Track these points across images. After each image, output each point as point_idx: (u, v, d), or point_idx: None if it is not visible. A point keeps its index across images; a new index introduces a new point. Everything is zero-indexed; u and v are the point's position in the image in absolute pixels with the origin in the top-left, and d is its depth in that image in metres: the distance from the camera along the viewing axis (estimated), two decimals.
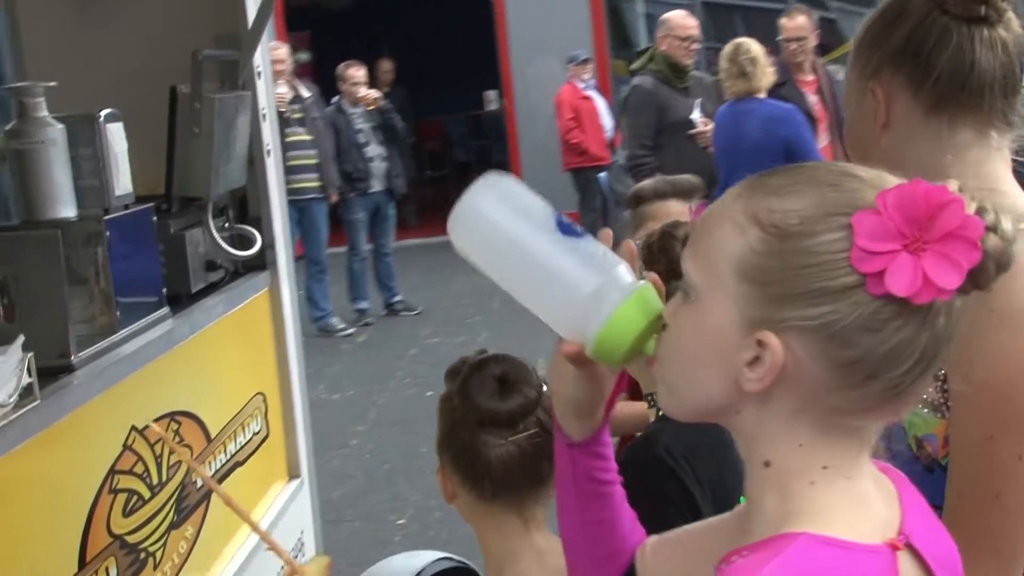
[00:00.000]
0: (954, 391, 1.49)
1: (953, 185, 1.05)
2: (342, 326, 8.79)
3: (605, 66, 12.73)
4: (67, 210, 1.94)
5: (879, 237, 1.03)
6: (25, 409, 1.56)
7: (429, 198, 13.66)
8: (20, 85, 1.95)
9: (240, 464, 2.37)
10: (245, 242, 2.54)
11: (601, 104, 10.55)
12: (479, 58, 13.75)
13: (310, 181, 8.73)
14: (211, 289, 2.42)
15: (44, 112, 1.95)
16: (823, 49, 7.06)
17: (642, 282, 1.21)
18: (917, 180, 1.05)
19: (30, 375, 1.58)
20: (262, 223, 2.67)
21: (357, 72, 9.31)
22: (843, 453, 1.12)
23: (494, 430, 1.76)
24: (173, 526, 2.02)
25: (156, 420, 1.98)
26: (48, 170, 1.93)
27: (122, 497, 1.83)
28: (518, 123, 13.30)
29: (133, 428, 1.89)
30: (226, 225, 2.53)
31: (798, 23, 6.25)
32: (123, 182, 2.08)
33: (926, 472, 1.57)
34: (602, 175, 10.23)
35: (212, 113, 2.32)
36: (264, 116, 2.69)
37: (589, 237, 1.22)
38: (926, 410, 1.56)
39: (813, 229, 1.06)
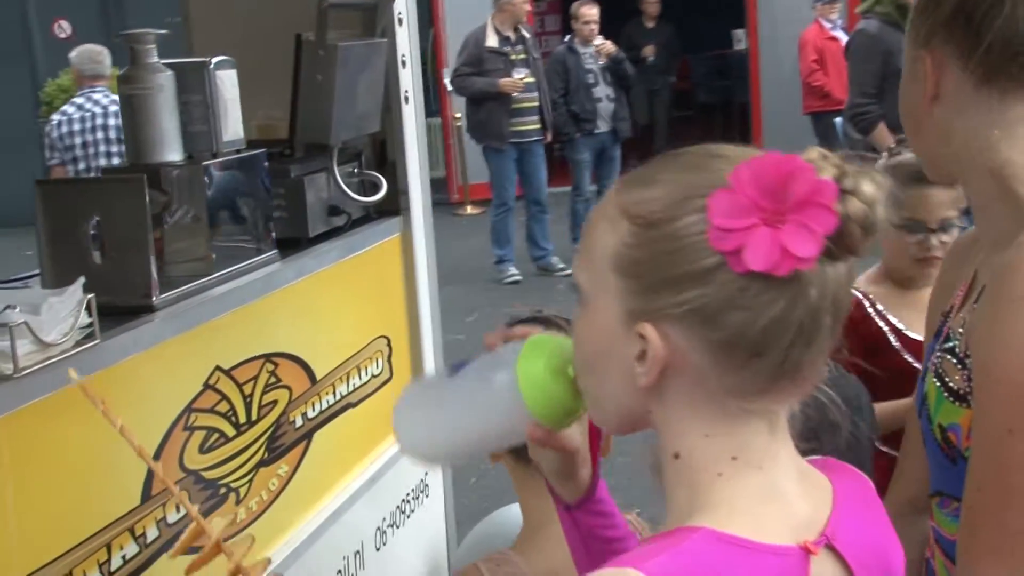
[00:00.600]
0: (976, 381, 1.42)
1: (811, 153, 1.04)
2: (561, 265, 8.90)
3: (855, 5, 12.33)
4: (174, 154, 2.01)
5: (734, 214, 1.02)
6: (81, 348, 1.62)
7: (671, 139, 13.55)
8: (132, 32, 2.01)
9: (353, 405, 2.42)
10: (376, 187, 2.58)
11: None
12: None
13: (531, 124, 8.95)
14: (335, 233, 2.47)
15: (155, 59, 2.02)
16: None
17: (531, 336, 1.26)
18: (769, 153, 1.03)
19: (90, 315, 1.65)
20: (396, 169, 2.71)
21: (590, 11, 9.32)
22: (751, 441, 1.09)
23: None
24: (263, 463, 2.08)
25: (248, 361, 2.04)
26: (156, 115, 2.00)
27: (199, 435, 1.90)
28: (762, 64, 13.04)
29: (217, 368, 1.95)
30: (355, 171, 2.57)
31: None
32: (233, 128, 2.13)
33: (949, 463, 1.51)
34: (838, 119, 9.92)
35: (335, 61, 2.36)
36: (404, 63, 2.71)
37: (479, 356, 1.30)
38: (951, 398, 1.49)
39: (674, 214, 1.05)
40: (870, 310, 2.56)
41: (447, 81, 13.29)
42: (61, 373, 1.56)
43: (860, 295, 2.53)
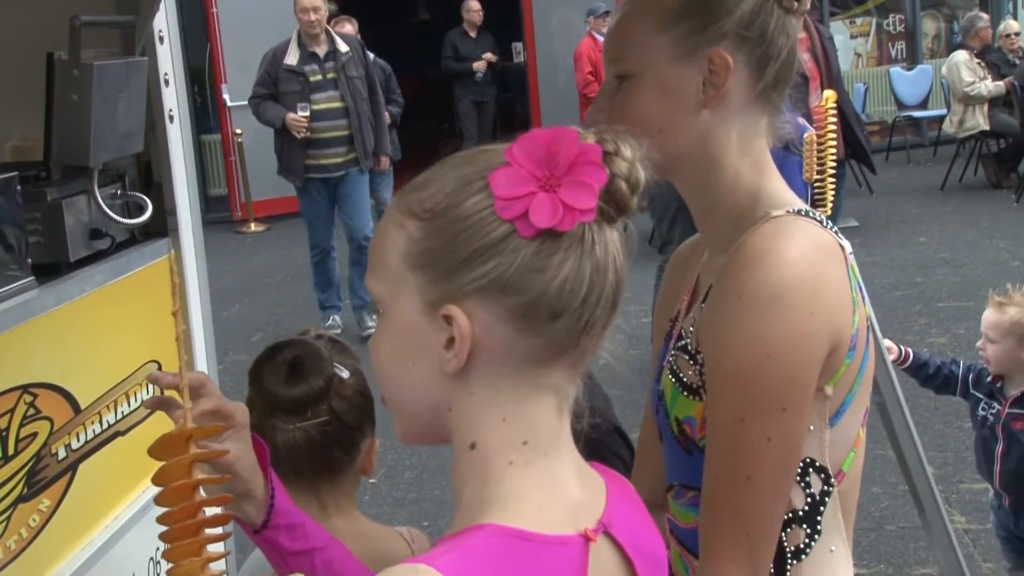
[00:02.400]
0: (709, 375, 1.50)
1: (573, 128, 1.12)
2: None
3: None
4: None
5: (515, 185, 1.09)
6: None
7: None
8: None
9: (121, 434, 2.36)
10: (140, 209, 2.53)
11: None
12: (506, 8, 13.72)
13: (336, 156, 8.20)
14: (99, 257, 2.41)
15: None
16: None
17: None
18: (536, 129, 1.11)
19: None
20: (163, 189, 2.66)
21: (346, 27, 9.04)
22: (541, 424, 1.14)
23: (282, 415, 1.78)
24: (21, 499, 2.02)
25: (3, 393, 1.98)
26: None
27: None
28: (540, 76, 13.27)
29: None
30: (118, 192, 2.52)
31: None
32: None
33: (685, 454, 1.59)
34: None
35: (90, 80, 2.30)
36: (167, 81, 2.66)
37: None
38: (685, 392, 1.57)
39: (457, 200, 1.11)
40: None
41: (226, 96, 13.15)
42: None
43: None
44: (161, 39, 2.64)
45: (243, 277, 10.16)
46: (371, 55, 8.78)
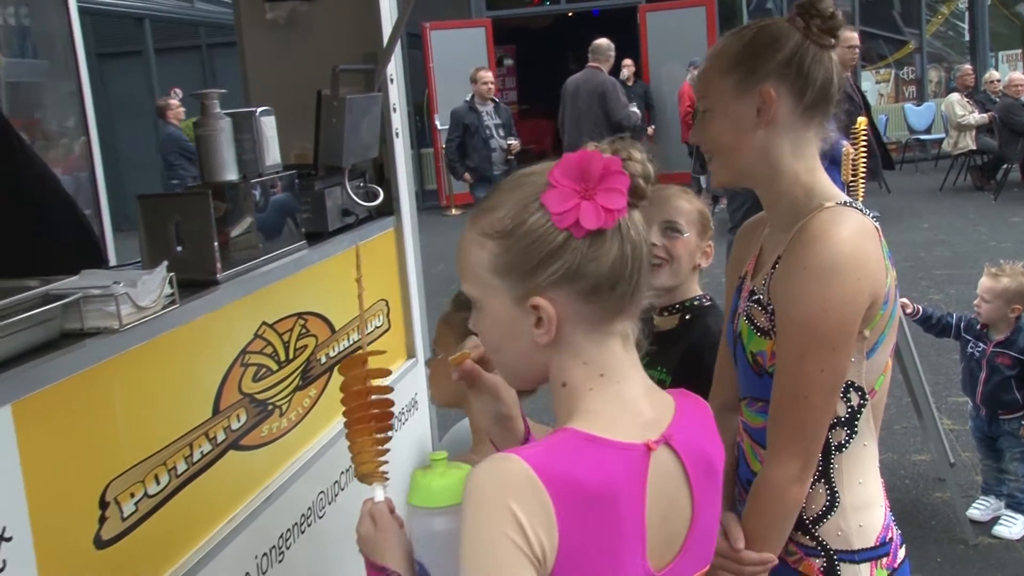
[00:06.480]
0: (779, 323, 1.45)
1: (589, 146, 1.06)
2: None
3: None
4: (231, 176, 1.98)
5: (562, 200, 1.03)
6: (167, 310, 1.60)
7: None
8: (202, 92, 1.97)
9: (361, 348, 2.39)
10: (375, 196, 2.56)
11: None
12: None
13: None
14: (346, 228, 2.45)
15: (218, 110, 1.98)
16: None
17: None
18: (567, 154, 1.05)
19: (171, 287, 1.63)
20: (390, 182, 2.69)
21: (487, 74, 8.89)
22: (612, 358, 1.08)
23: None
24: (298, 388, 2.07)
25: (286, 318, 2.03)
26: (219, 149, 1.96)
27: (252, 368, 1.88)
28: (654, 109, 13.04)
29: (263, 323, 1.94)
30: (361, 184, 2.55)
31: (851, 35, 5.73)
32: (272, 156, 2.09)
33: (757, 376, 1.53)
34: None
35: (344, 109, 2.34)
36: (395, 109, 2.68)
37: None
38: (758, 333, 1.51)
39: (522, 219, 1.05)
40: None
41: (437, 122, 13.25)
42: (153, 328, 1.55)
43: None
44: (392, 81, 2.66)
45: (445, 246, 10.26)
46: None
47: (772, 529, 1.49)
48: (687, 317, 2.10)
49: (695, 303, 2.12)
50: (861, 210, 1.47)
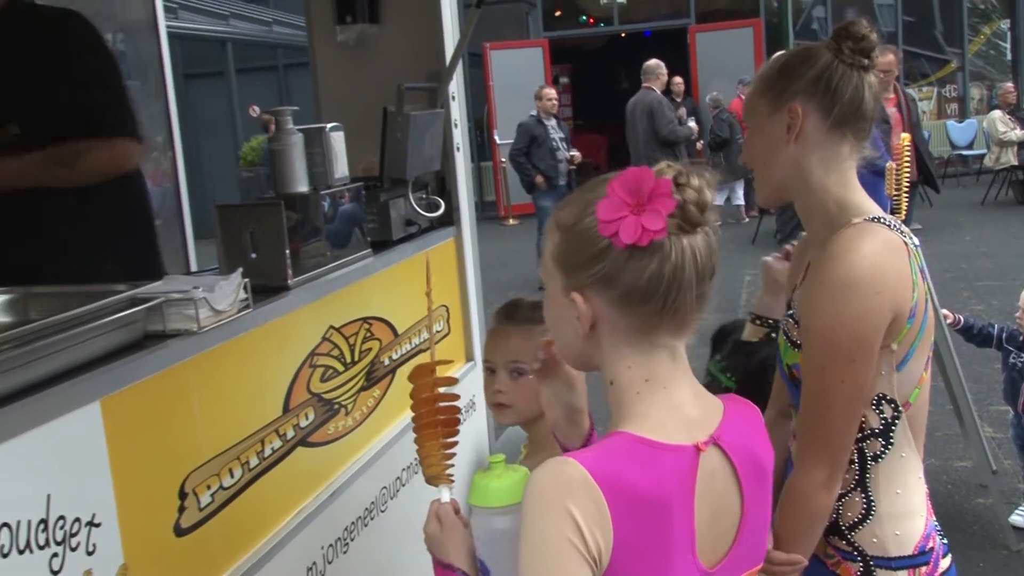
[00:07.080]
0: (801, 335, 1.43)
1: (661, 164, 1.04)
2: None
3: None
4: (302, 187, 1.99)
5: (612, 211, 1.02)
6: (242, 314, 1.62)
7: None
8: (276, 109, 1.99)
9: (424, 351, 2.40)
10: (437, 207, 2.56)
11: None
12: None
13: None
14: (410, 238, 2.45)
15: (291, 126, 2.00)
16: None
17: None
18: (630, 168, 1.03)
19: (246, 292, 1.65)
20: (451, 195, 2.69)
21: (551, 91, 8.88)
22: (658, 367, 1.06)
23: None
24: (363, 389, 2.08)
25: (352, 322, 2.03)
26: (290, 163, 1.98)
27: (320, 369, 1.89)
28: (703, 125, 12.90)
29: (331, 326, 1.94)
30: (424, 196, 2.55)
31: (887, 59, 5.67)
32: (340, 169, 2.11)
33: (794, 387, 1.50)
34: None
35: (408, 124, 2.34)
36: (456, 124, 2.69)
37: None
38: (791, 346, 1.49)
39: (580, 219, 1.05)
40: None
41: (496, 137, 13.28)
42: (229, 330, 1.57)
43: None
44: (453, 98, 2.67)
45: (503, 254, 10.25)
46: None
47: (800, 533, 1.46)
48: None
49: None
50: (889, 224, 1.43)
